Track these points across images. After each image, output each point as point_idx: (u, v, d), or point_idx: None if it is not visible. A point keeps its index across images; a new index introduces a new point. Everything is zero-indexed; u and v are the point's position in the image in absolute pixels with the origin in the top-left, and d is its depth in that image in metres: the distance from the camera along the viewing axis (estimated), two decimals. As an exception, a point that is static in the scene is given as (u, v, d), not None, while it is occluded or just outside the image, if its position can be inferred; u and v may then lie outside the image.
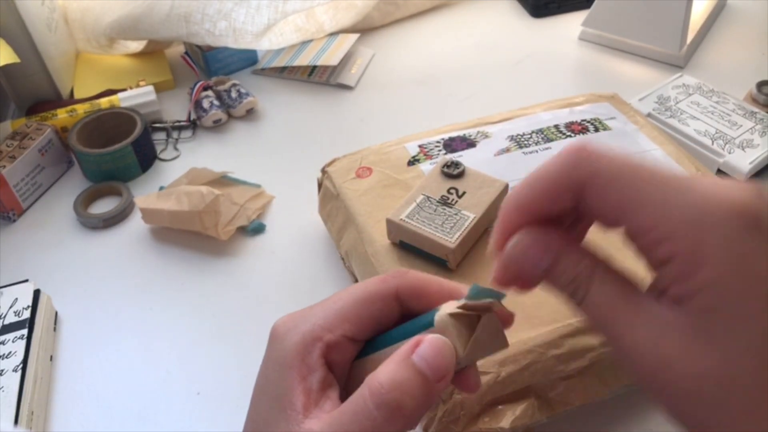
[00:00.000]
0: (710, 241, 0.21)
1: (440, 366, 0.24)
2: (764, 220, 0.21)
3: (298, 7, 0.68)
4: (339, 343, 0.26)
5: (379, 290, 0.27)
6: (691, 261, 0.21)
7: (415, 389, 0.23)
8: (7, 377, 0.41)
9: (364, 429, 0.23)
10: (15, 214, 0.57)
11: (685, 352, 0.21)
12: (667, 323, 0.22)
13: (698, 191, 0.22)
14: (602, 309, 0.23)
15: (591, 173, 0.23)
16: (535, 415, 0.36)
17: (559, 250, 0.24)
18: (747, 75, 0.68)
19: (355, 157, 0.49)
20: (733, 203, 0.21)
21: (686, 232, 0.21)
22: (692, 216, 0.21)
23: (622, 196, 0.22)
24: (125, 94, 0.65)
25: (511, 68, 0.74)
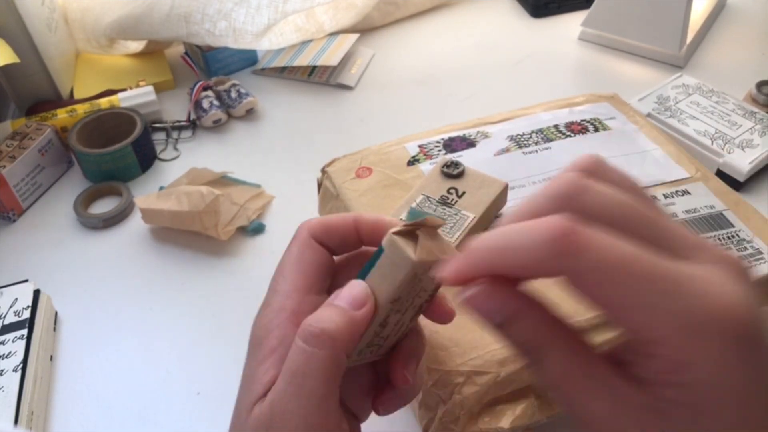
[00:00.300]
0: (697, 349, 0.21)
1: (355, 296, 0.26)
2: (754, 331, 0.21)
3: (298, 7, 0.68)
4: (301, 303, 0.28)
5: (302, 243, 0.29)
6: (676, 365, 0.21)
7: (334, 317, 0.26)
8: (7, 377, 0.41)
9: (299, 363, 0.25)
10: (15, 214, 0.57)
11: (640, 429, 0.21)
12: (626, 401, 0.22)
13: (690, 295, 0.21)
14: (558, 378, 0.23)
15: (571, 272, 0.21)
16: (535, 415, 0.36)
17: (514, 313, 0.23)
18: (747, 75, 0.68)
19: (355, 157, 0.49)
20: (725, 313, 0.21)
21: (672, 340, 0.21)
22: (679, 325, 0.21)
23: (607, 298, 0.21)
24: (125, 94, 0.65)
25: (511, 68, 0.74)
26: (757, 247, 0.41)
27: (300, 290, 0.28)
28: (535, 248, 0.21)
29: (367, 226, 0.29)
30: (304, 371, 0.25)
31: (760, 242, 0.42)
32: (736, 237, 0.42)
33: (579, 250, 0.21)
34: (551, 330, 0.23)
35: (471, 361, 0.35)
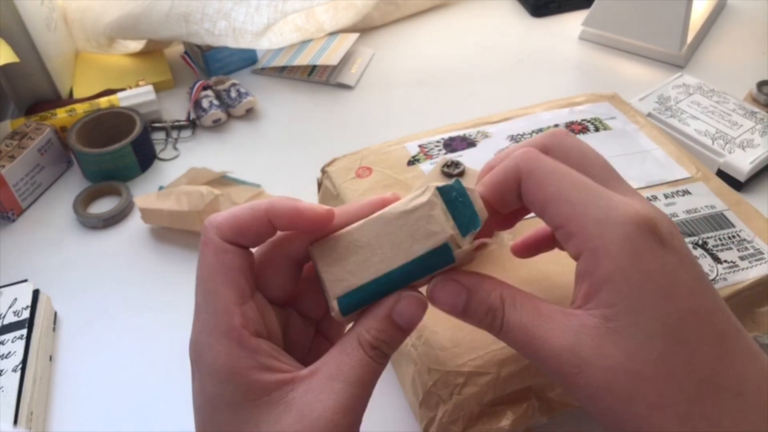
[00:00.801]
0: (611, 238, 0.24)
1: (414, 319, 0.27)
2: (660, 228, 0.25)
3: (298, 7, 0.68)
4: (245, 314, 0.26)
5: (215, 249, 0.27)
6: (595, 255, 0.24)
7: (397, 340, 0.27)
8: (6, 377, 0.41)
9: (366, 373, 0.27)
10: (14, 213, 0.57)
11: (596, 350, 0.24)
12: (579, 328, 0.24)
13: (610, 199, 0.25)
14: (519, 330, 0.26)
15: (528, 171, 0.27)
16: (535, 415, 0.36)
17: (470, 287, 0.27)
18: (747, 75, 0.68)
19: (355, 157, 0.49)
20: (635, 211, 0.25)
21: (592, 230, 0.25)
22: (599, 217, 0.25)
23: (549, 191, 0.26)
24: (124, 94, 0.65)
25: (511, 68, 0.74)
26: (757, 247, 0.41)
27: (237, 302, 0.26)
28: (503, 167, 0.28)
29: (281, 218, 0.27)
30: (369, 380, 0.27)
31: (760, 242, 0.42)
32: (736, 237, 0.42)
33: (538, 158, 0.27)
34: (503, 291, 0.27)
35: (471, 361, 0.35)
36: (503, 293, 0.27)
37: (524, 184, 0.27)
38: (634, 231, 0.24)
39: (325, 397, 0.25)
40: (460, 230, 0.27)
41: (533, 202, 0.27)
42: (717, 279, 0.39)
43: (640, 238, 0.24)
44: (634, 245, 0.24)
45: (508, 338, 0.27)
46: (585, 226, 0.25)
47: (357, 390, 0.26)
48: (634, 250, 0.24)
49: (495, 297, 0.27)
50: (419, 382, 0.36)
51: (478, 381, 0.35)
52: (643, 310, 0.23)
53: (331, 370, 0.26)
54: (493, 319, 0.27)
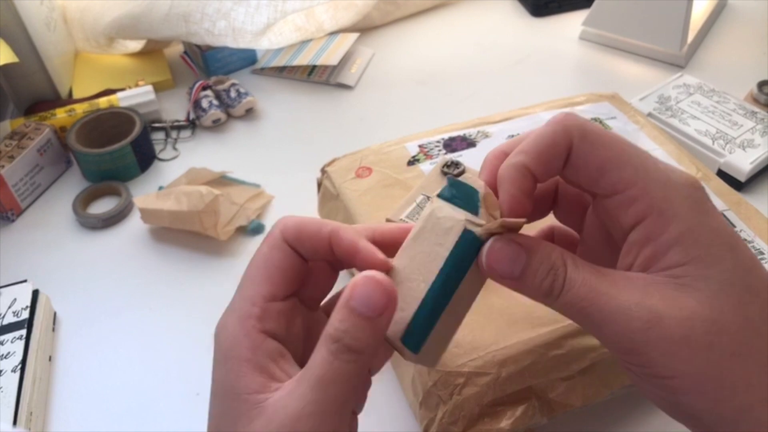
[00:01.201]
0: (679, 201, 0.25)
1: (371, 301, 0.25)
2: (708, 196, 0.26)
3: (298, 7, 0.68)
4: (266, 310, 0.27)
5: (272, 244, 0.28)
6: (663, 218, 0.24)
7: (360, 331, 0.25)
8: (5, 378, 0.41)
9: (326, 373, 0.25)
10: (14, 214, 0.57)
11: (670, 302, 0.23)
12: (646, 284, 0.24)
13: (664, 164, 0.26)
14: (584, 287, 0.25)
15: (581, 134, 0.26)
16: (535, 416, 0.36)
17: (531, 247, 0.26)
18: (747, 75, 0.68)
19: (355, 157, 0.49)
20: (687, 175, 0.26)
21: (659, 193, 0.25)
22: (663, 180, 0.25)
23: (608, 154, 0.26)
24: (124, 94, 0.65)
25: (511, 68, 0.74)
26: (758, 248, 0.41)
27: (265, 297, 0.27)
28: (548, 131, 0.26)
29: (340, 247, 0.28)
30: (331, 379, 0.25)
31: (761, 242, 0.41)
32: (737, 237, 0.42)
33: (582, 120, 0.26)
34: (563, 252, 0.26)
35: (471, 362, 0.35)
36: (565, 254, 0.26)
37: (577, 148, 0.26)
38: (694, 193, 0.25)
39: (290, 402, 0.25)
40: (471, 213, 0.27)
41: (588, 165, 0.26)
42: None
43: (700, 199, 0.25)
44: (698, 205, 0.25)
45: (569, 298, 0.25)
46: (651, 189, 0.25)
47: (318, 393, 0.24)
48: (700, 209, 0.24)
49: (557, 257, 0.26)
50: (419, 382, 0.36)
51: (478, 381, 0.35)
52: (714, 263, 0.24)
53: (301, 373, 0.26)
54: (554, 279, 0.25)
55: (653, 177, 0.25)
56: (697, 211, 0.24)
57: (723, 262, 0.24)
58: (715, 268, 0.24)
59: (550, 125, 0.27)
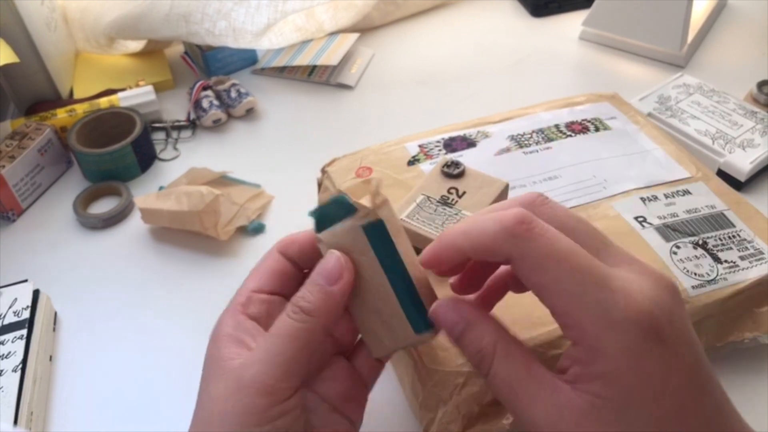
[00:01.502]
0: (609, 341, 0.23)
1: (329, 272, 0.29)
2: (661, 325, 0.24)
3: (298, 7, 0.68)
4: (250, 297, 0.31)
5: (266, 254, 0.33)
6: (591, 352, 0.24)
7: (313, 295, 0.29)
8: (6, 377, 0.41)
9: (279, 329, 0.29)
10: (14, 214, 0.57)
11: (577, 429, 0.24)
12: (564, 405, 0.24)
13: (613, 290, 0.24)
14: (504, 385, 0.26)
15: (519, 254, 0.25)
16: (535, 415, 0.36)
17: (469, 321, 0.27)
18: (747, 75, 0.68)
19: (355, 157, 0.49)
20: (636, 309, 0.24)
21: (590, 327, 0.24)
22: (597, 314, 0.24)
23: (543, 280, 0.25)
24: (125, 94, 0.65)
25: (511, 68, 0.74)
26: (758, 247, 0.41)
27: (251, 289, 0.32)
28: (494, 230, 0.25)
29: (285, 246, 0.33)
30: (279, 333, 0.28)
31: (761, 242, 0.42)
32: (737, 237, 0.42)
33: (532, 236, 0.25)
34: (498, 338, 0.26)
35: (471, 361, 0.35)
36: (498, 341, 0.26)
37: (516, 267, 0.25)
38: (633, 333, 0.24)
39: (248, 364, 0.28)
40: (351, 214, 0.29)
41: (528, 285, 0.26)
42: (717, 279, 0.39)
43: (638, 339, 0.24)
44: (632, 348, 0.23)
45: (492, 387, 0.26)
46: (583, 324, 0.24)
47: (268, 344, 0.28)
48: (632, 353, 0.23)
49: (488, 342, 0.26)
50: (419, 382, 0.36)
51: (478, 381, 0.35)
52: (631, 409, 0.23)
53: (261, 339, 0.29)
54: (481, 361, 0.27)
55: (589, 310, 0.24)
56: (629, 355, 0.23)
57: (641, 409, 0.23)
58: (631, 413, 0.23)
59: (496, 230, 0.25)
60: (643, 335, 0.24)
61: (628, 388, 0.23)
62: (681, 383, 0.24)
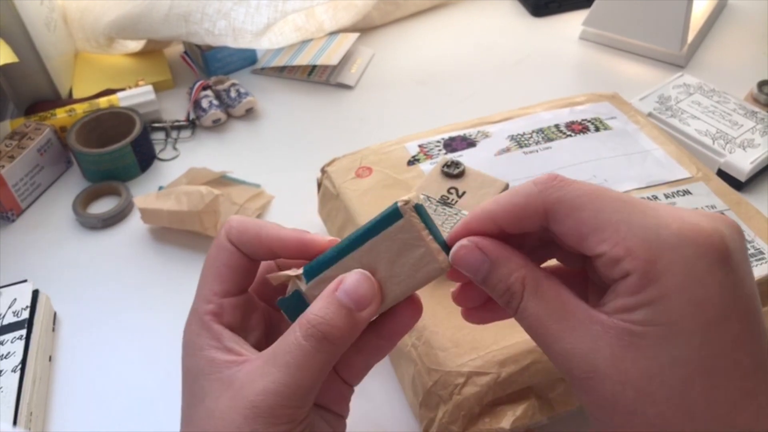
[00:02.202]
0: (664, 264, 0.22)
1: (361, 297, 0.26)
2: (724, 244, 0.22)
3: (298, 7, 0.68)
4: (221, 305, 0.29)
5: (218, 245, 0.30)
6: (644, 279, 0.22)
7: (339, 320, 0.26)
8: (5, 378, 0.41)
9: (295, 357, 0.26)
10: (14, 214, 0.57)
11: (613, 362, 0.22)
12: (599, 335, 0.23)
13: (658, 215, 0.23)
14: (534, 320, 0.24)
15: (555, 199, 0.24)
16: (535, 415, 0.36)
17: (495, 259, 0.25)
18: (748, 75, 0.68)
19: (355, 157, 0.49)
20: (692, 227, 0.22)
21: (642, 253, 0.22)
22: (649, 237, 0.22)
23: (582, 218, 0.23)
24: (124, 94, 0.65)
25: (511, 68, 0.73)
26: (758, 247, 0.41)
27: (218, 293, 0.29)
28: (526, 190, 0.25)
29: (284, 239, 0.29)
30: (299, 364, 0.26)
31: (761, 242, 0.41)
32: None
33: (563, 184, 0.24)
34: (528, 274, 0.25)
35: (471, 361, 0.35)
36: (526, 277, 0.25)
37: (554, 216, 0.24)
38: (690, 253, 0.21)
39: (257, 379, 0.26)
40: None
41: (567, 233, 0.24)
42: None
43: (697, 261, 0.21)
44: (690, 270, 0.21)
45: (522, 323, 0.25)
46: (632, 249, 0.22)
47: (282, 374, 0.26)
48: (690, 275, 0.21)
49: (516, 279, 0.25)
50: (419, 382, 0.36)
51: (478, 381, 0.35)
52: (681, 335, 0.21)
53: (269, 352, 0.27)
54: (510, 299, 0.25)
55: (638, 235, 0.22)
56: (687, 277, 0.21)
57: (690, 336, 0.21)
58: (677, 341, 0.21)
59: (529, 185, 0.25)
60: (702, 254, 0.21)
61: (682, 314, 0.21)
62: (743, 312, 0.22)
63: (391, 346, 0.30)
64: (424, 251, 0.26)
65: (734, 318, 0.22)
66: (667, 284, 0.21)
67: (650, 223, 0.22)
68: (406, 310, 0.29)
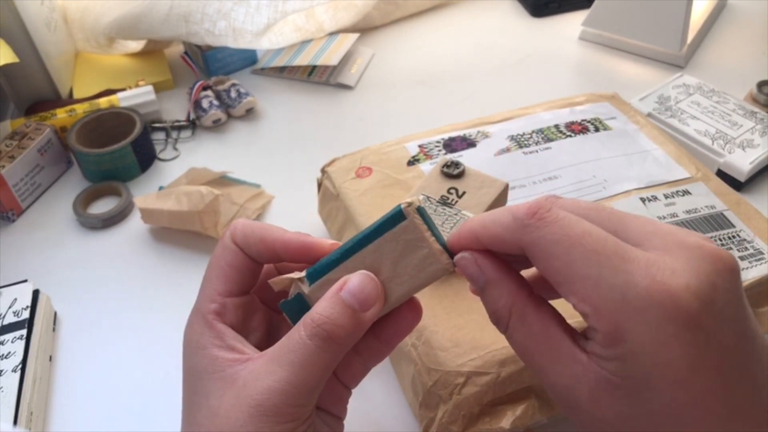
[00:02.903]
0: (628, 324, 0.22)
1: (366, 297, 0.27)
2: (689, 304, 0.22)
3: (298, 7, 0.68)
4: (224, 304, 0.29)
5: (223, 246, 0.30)
6: (610, 337, 0.22)
7: (343, 319, 0.26)
8: (6, 377, 0.41)
9: (300, 356, 0.26)
10: (14, 214, 0.57)
11: (590, 400, 0.23)
12: (580, 375, 0.23)
13: (632, 271, 0.22)
14: (518, 347, 0.26)
15: (530, 241, 0.24)
16: (535, 415, 0.36)
17: (488, 280, 0.26)
18: (747, 75, 0.68)
19: (355, 157, 0.49)
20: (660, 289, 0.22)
21: (606, 313, 0.22)
22: (615, 298, 0.22)
23: (554, 267, 0.23)
24: (124, 94, 0.65)
25: (511, 68, 0.74)
26: (758, 248, 0.41)
27: (221, 293, 0.29)
28: (507, 221, 0.25)
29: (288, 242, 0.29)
30: (305, 363, 0.26)
31: (760, 242, 0.42)
32: (736, 237, 0.42)
33: (543, 224, 0.24)
34: (516, 301, 0.25)
35: (471, 361, 0.35)
36: (514, 305, 0.25)
37: (529, 255, 0.24)
38: (656, 319, 0.21)
39: (262, 378, 0.26)
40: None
41: (540, 270, 0.24)
42: (717, 279, 0.39)
43: (662, 324, 0.21)
44: (653, 334, 0.21)
45: (511, 344, 0.26)
46: (599, 309, 0.22)
47: (288, 372, 0.26)
48: (654, 339, 0.22)
49: (503, 306, 0.26)
50: (419, 382, 0.36)
51: (478, 381, 0.35)
52: (650, 391, 0.22)
53: (274, 351, 0.27)
54: (497, 321, 0.26)
55: (603, 295, 0.22)
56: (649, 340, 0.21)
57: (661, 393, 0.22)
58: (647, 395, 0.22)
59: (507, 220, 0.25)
60: (668, 319, 0.21)
61: (648, 373, 0.22)
62: (712, 366, 0.22)
63: (390, 349, 0.30)
64: (428, 252, 0.26)
65: (702, 372, 0.22)
66: (633, 345, 0.22)
67: (618, 282, 0.22)
68: (406, 314, 0.29)
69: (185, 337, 0.29)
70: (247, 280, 0.30)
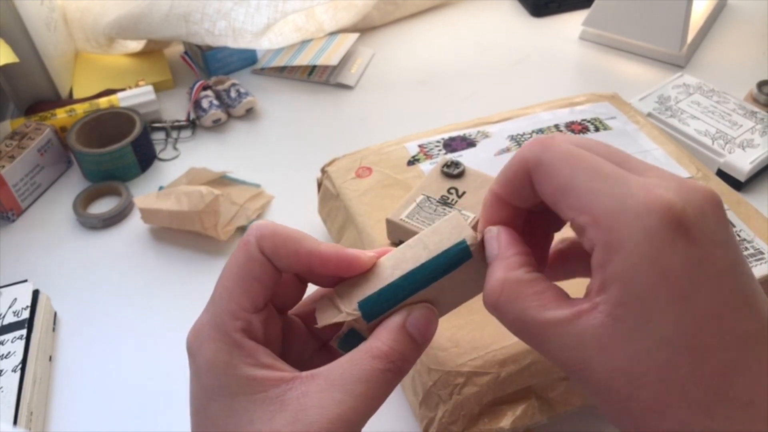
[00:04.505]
0: (625, 232, 0.22)
1: (429, 332, 0.27)
2: (686, 215, 0.22)
3: (298, 7, 0.68)
4: (250, 321, 0.27)
5: (249, 256, 0.27)
6: (607, 250, 0.22)
7: (411, 353, 0.27)
8: (6, 377, 0.41)
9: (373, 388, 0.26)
10: (14, 214, 0.57)
11: (600, 351, 0.22)
12: (584, 329, 0.23)
13: (630, 185, 0.23)
14: (513, 328, 0.25)
15: (535, 162, 0.25)
16: (535, 415, 0.36)
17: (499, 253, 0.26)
18: (747, 75, 0.68)
19: (355, 157, 0.49)
20: (656, 198, 0.22)
21: (605, 222, 0.22)
22: (612, 206, 0.22)
23: (558, 181, 0.24)
24: (124, 94, 0.65)
25: (511, 68, 0.74)
26: (758, 247, 0.41)
27: (247, 309, 0.27)
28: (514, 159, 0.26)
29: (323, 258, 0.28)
30: (376, 393, 0.26)
31: (760, 242, 0.42)
32: (737, 237, 0.42)
33: (544, 146, 0.25)
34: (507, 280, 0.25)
35: (471, 361, 0.35)
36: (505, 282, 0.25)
37: (534, 176, 0.25)
38: (653, 222, 0.21)
39: (325, 404, 0.25)
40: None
41: (545, 194, 0.25)
42: (717, 279, 0.39)
43: (659, 230, 0.21)
44: (651, 239, 0.21)
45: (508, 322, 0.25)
46: (597, 217, 0.22)
47: (358, 402, 0.25)
48: (652, 245, 0.21)
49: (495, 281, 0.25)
50: (419, 382, 0.36)
51: (478, 381, 0.35)
52: (654, 312, 0.21)
53: (334, 376, 0.26)
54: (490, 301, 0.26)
55: (603, 203, 0.22)
56: (648, 247, 0.21)
57: (665, 312, 0.21)
58: (654, 318, 0.21)
59: (516, 152, 0.26)
60: (665, 224, 0.21)
61: (650, 288, 0.21)
62: (713, 290, 0.21)
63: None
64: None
65: (705, 292, 0.21)
66: (630, 253, 0.21)
67: (617, 192, 0.22)
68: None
69: (199, 353, 0.27)
70: (270, 291, 0.28)
